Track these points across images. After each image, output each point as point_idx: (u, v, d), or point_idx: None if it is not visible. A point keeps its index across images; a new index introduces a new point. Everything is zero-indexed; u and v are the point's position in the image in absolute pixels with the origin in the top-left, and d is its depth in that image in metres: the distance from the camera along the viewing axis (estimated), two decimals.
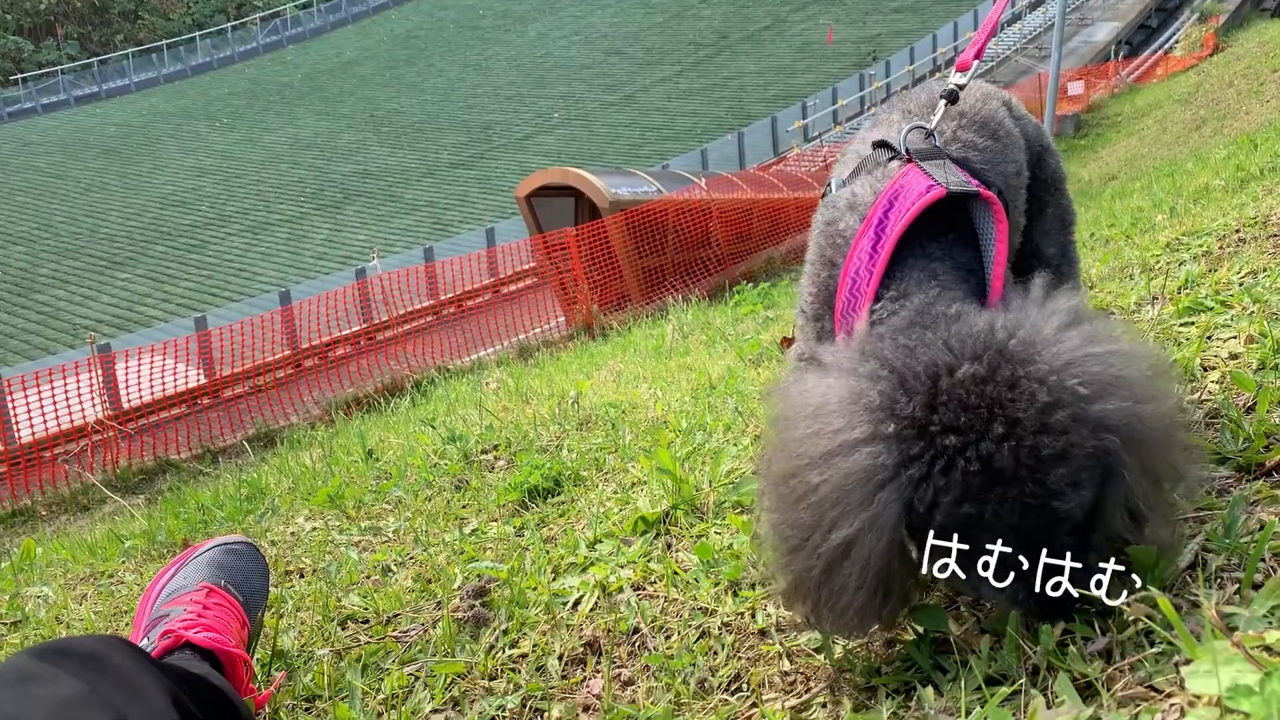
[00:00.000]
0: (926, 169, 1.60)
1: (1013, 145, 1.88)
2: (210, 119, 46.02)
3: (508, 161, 34.91)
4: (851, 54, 40.66)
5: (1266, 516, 1.43)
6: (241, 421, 11.69)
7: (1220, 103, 19.47)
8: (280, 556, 2.74)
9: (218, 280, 27.54)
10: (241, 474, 4.90)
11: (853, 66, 38.20)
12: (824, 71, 39.10)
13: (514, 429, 3.49)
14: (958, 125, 1.79)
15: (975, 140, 1.78)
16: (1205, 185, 5.78)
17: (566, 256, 14.28)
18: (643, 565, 2.02)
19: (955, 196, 1.55)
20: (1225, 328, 2.34)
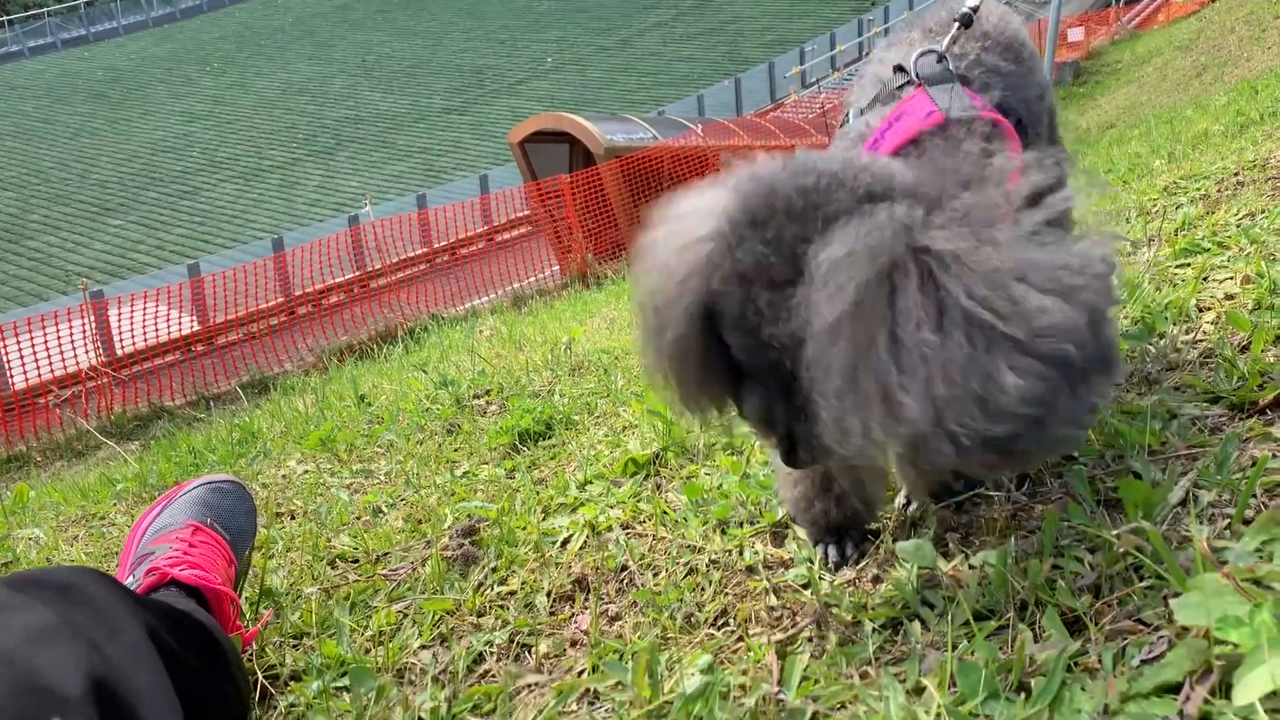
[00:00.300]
0: (933, 94, 1.57)
1: (1035, 68, 1.84)
2: (201, 63, 45.43)
3: (501, 107, 34.56)
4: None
5: (1259, 453, 1.42)
6: (235, 368, 11.67)
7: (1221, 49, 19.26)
8: (271, 498, 2.73)
9: (210, 227, 27.36)
10: (234, 419, 4.89)
11: (851, 11, 37.75)
12: (822, 16, 38.63)
13: (506, 375, 3.48)
14: (981, 47, 1.75)
15: (999, 64, 1.74)
16: (1204, 131, 5.72)
17: (561, 204, 14.19)
18: (632, 505, 2.01)
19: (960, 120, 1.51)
20: (1222, 269, 2.32)
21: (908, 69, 1.66)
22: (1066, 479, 1.60)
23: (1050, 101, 1.92)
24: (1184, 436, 1.59)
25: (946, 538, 1.55)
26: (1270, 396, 1.61)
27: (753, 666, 1.38)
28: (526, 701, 1.48)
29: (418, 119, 35.03)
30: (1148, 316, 2.16)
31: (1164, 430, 1.63)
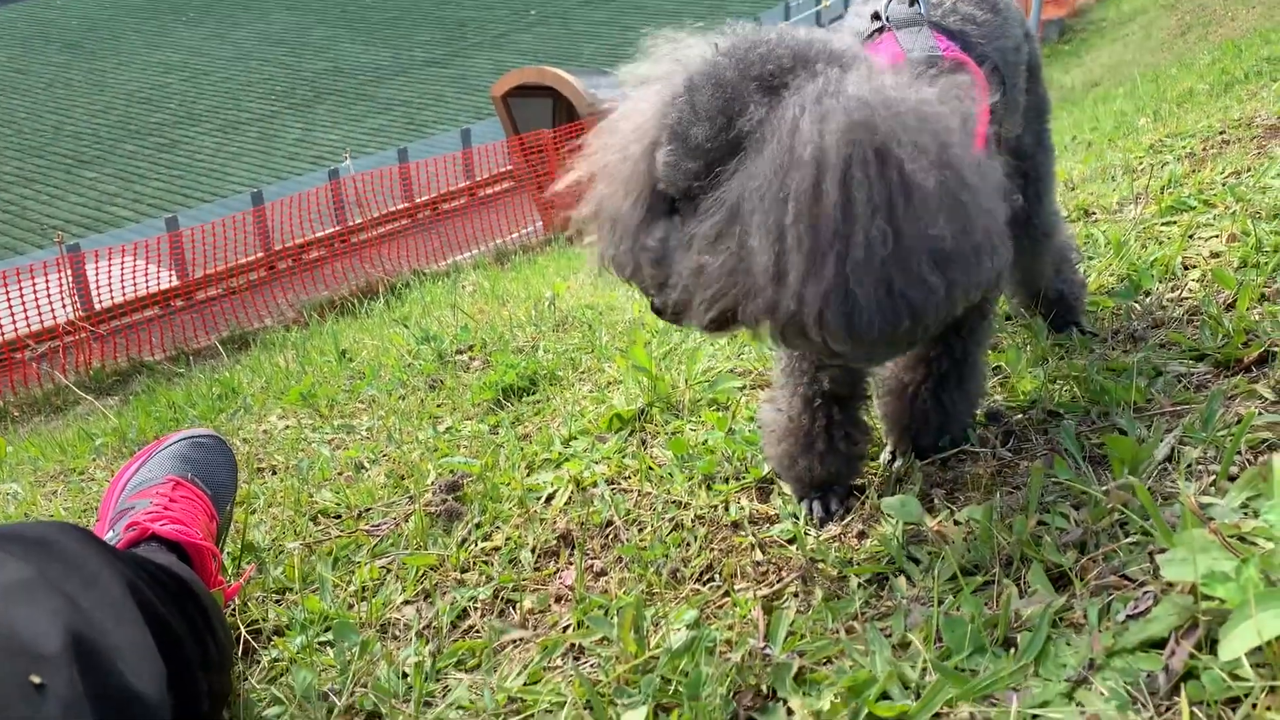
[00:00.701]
0: (899, 37, 1.55)
1: (1012, 20, 1.81)
2: (176, 13, 44.57)
3: (483, 60, 34.09)
4: None
5: (1244, 410, 1.42)
6: (215, 323, 11.58)
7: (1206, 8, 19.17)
8: (252, 454, 2.72)
9: (188, 180, 26.99)
10: (215, 375, 4.85)
11: None
12: None
13: (489, 330, 3.45)
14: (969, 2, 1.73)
15: (974, 13, 1.71)
16: (1189, 89, 5.70)
17: (544, 159, 14.06)
18: (617, 461, 2.01)
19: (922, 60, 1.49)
20: (1207, 226, 2.32)
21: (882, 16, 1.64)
22: (1052, 435, 1.61)
23: (1030, 55, 1.90)
24: (1169, 393, 1.60)
25: (932, 493, 1.56)
26: (1255, 354, 1.61)
27: (738, 621, 1.38)
28: (511, 657, 1.48)
29: (399, 71, 34.54)
30: (1134, 274, 2.16)
31: (1149, 387, 1.63)
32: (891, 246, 1.14)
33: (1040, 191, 1.99)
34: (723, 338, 1.36)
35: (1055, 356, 1.92)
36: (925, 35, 1.55)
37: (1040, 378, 1.82)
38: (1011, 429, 1.68)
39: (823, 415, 1.58)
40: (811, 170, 1.15)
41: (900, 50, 1.51)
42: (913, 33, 1.57)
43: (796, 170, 1.16)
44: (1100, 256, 2.41)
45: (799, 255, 1.15)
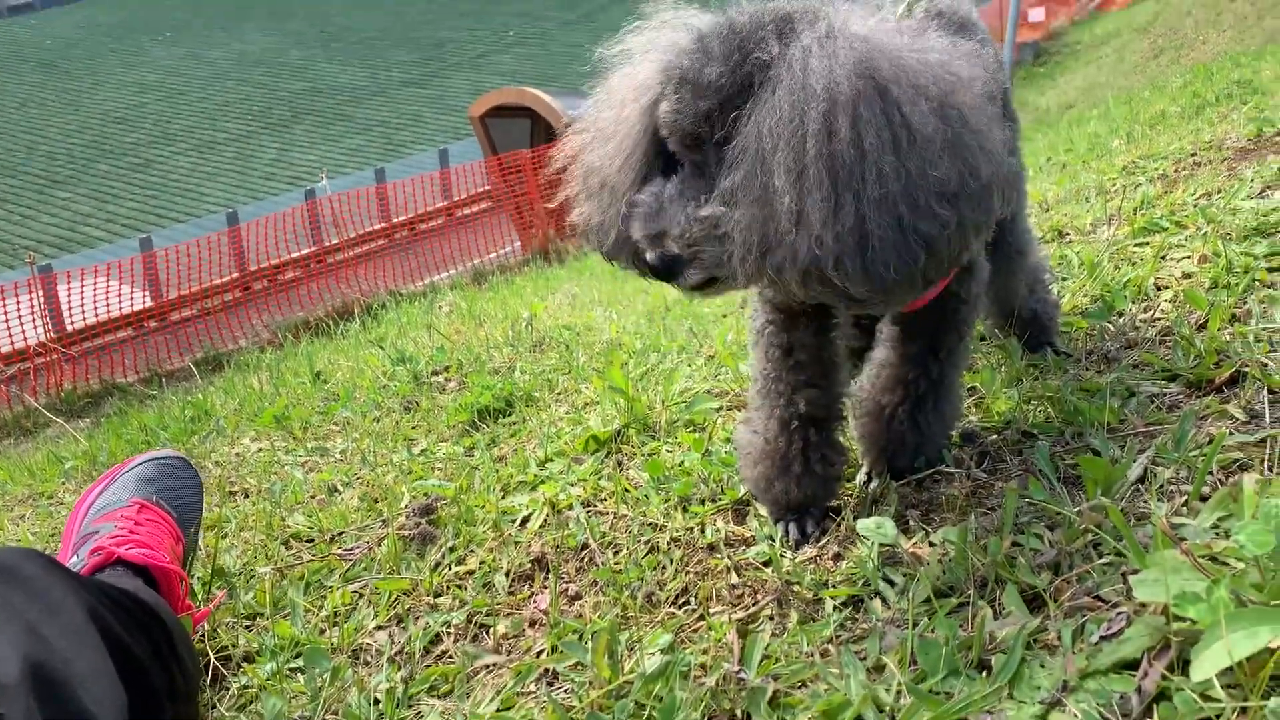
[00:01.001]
0: None
1: (989, 45, 1.84)
2: (153, 33, 44.46)
3: (462, 80, 34.17)
4: None
5: (1215, 430, 1.42)
6: (189, 344, 11.49)
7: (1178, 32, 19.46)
8: (225, 477, 2.69)
9: (163, 200, 26.86)
10: (188, 396, 4.80)
11: None
12: None
13: (466, 351, 3.44)
14: (938, 25, 1.74)
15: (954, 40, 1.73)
16: (1162, 111, 5.77)
17: (522, 179, 14.07)
18: (593, 483, 1.99)
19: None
20: (1179, 248, 2.34)
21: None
22: (1027, 456, 1.61)
23: (1004, 81, 1.92)
24: (1142, 414, 1.60)
25: (907, 515, 1.55)
26: (1226, 374, 1.62)
27: (713, 645, 1.37)
28: (484, 682, 1.47)
29: (376, 92, 34.56)
30: (1107, 295, 2.17)
31: (1123, 408, 1.64)
32: (903, 181, 1.17)
33: (1014, 211, 2.01)
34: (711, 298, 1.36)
35: (1030, 377, 1.92)
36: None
37: (1015, 398, 1.82)
38: (987, 450, 1.68)
39: (799, 437, 1.57)
40: (825, 106, 1.18)
41: None
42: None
43: (812, 105, 1.18)
44: (1074, 277, 2.42)
45: (819, 195, 1.17)
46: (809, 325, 1.58)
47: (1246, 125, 3.39)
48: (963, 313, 1.55)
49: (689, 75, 1.28)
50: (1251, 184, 2.62)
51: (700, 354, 2.68)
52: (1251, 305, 1.84)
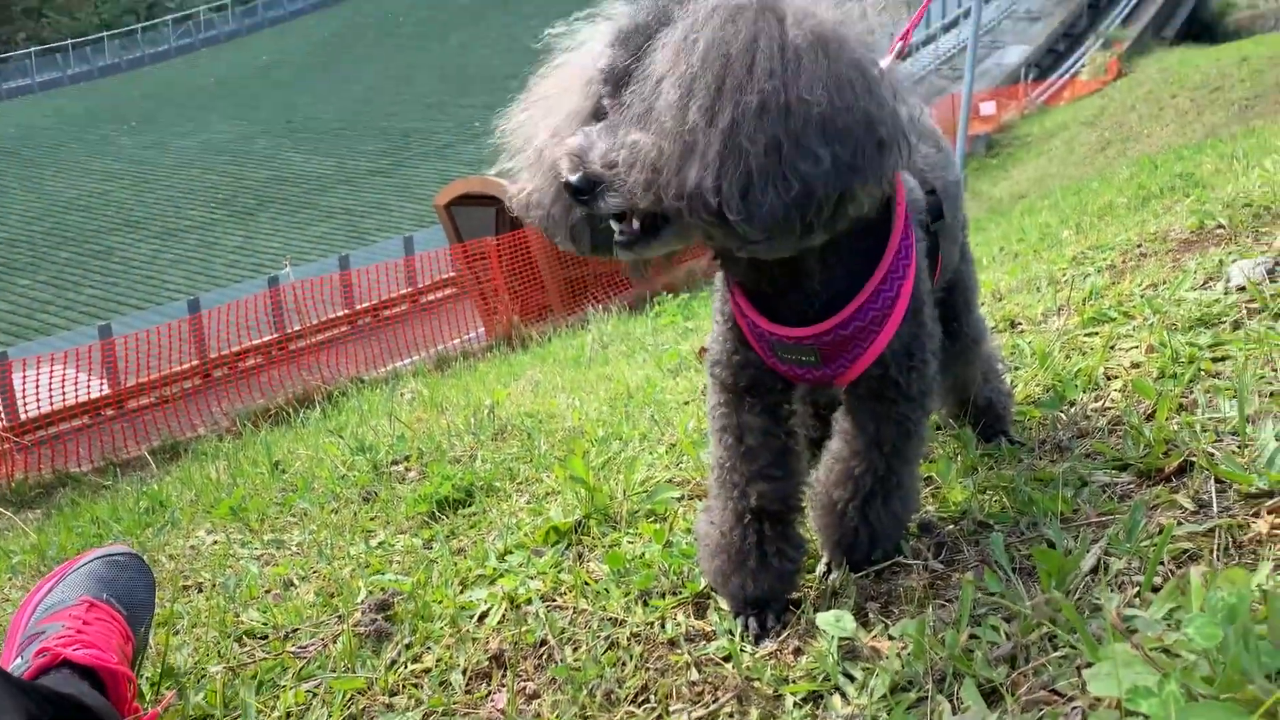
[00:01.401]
0: None
1: (952, 158, 1.90)
2: (119, 122, 44.67)
3: (428, 169, 34.53)
4: None
5: (1165, 520, 1.45)
6: (146, 433, 11.32)
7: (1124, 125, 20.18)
8: (178, 571, 2.64)
9: (124, 287, 26.71)
10: (143, 487, 4.73)
11: None
12: None
13: (427, 439, 3.42)
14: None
15: (919, 146, 1.79)
16: (1109, 203, 5.95)
17: (487, 266, 14.15)
18: (553, 576, 1.98)
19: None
20: (1128, 337, 2.39)
21: None
22: (983, 546, 1.62)
23: (961, 192, 1.98)
24: (1095, 504, 1.62)
25: (866, 607, 1.55)
26: (1175, 463, 1.65)
27: None
28: None
29: (342, 180, 34.81)
30: (1059, 384, 2.21)
31: (1076, 497, 1.66)
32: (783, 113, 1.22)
33: (967, 300, 2.06)
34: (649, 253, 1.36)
35: (985, 466, 1.95)
36: None
37: (970, 488, 1.84)
38: (943, 540, 1.69)
39: (753, 531, 1.58)
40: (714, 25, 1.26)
41: None
42: None
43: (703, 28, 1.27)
44: (1026, 367, 2.47)
45: (699, 111, 1.23)
46: (756, 406, 1.60)
47: (1189, 218, 3.50)
48: (905, 408, 1.55)
49: (623, 27, 1.37)
50: (1195, 275, 2.70)
51: (662, 441, 2.69)
52: (1198, 395, 1.89)
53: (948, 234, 1.76)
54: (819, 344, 1.48)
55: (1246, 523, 1.41)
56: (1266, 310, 2.22)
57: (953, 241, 1.84)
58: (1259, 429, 1.64)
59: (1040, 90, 33.30)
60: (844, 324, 1.47)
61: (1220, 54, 22.01)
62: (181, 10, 59.89)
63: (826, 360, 1.51)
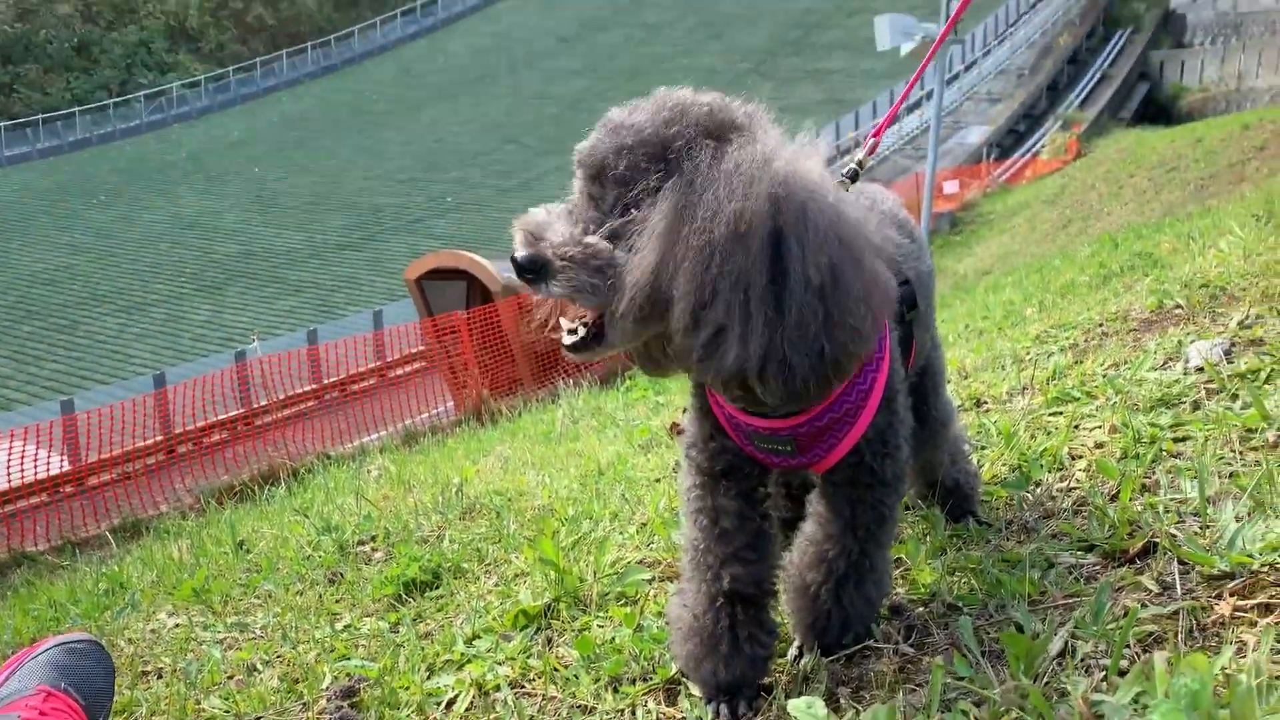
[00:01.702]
0: None
1: (924, 248, 1.94)
2: (88, 196, 44.58)
3: (398, 244, 34.64)
4: None
5: (1130, 603, 1.46)
6: (107, 510, 11.11)
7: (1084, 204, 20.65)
8: (138, 655, 2.58)
9: (88, 362, 26.42)
10: (102, 567, 4.63)
11: None
12: None
13: (394, 518, 3.39)
14: (879, 221, 1.83)
15: (893, 236, 1.82)
16: (1071, 281, 6.06)
17: (457, 340, 14.15)
18: (521, 661, 1.95)
19: None
20: (1091, 417, 2.43)
21: None
22: (952, 629, 1.62)
23: (934, 281, 2.03)
24: (1061, 585, 1.64)
25: (838, 692, 1.55)
26: (1139, 545, 1.67)
27: None
28: None
29: (312, 254, 34.83)
30: (1024, 464, 2.24)
31: (1042, 579, 1.67)
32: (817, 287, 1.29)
33: (936, 384, 2.09)
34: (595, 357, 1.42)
35: (953, 548, 1.96)
36: None
37: (939, 570, 1.85)
38: (914, 623, 1.70)
39: (726, 615, 1.57)
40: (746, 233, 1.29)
41: None
42: None
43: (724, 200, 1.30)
44: (992, 446, 2.49)
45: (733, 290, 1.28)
46: (731, 489, 1.61)
47: (1148, 297, 3.57)
48: (879, 493, 1.58)
49: (614, 117, 1.41)
50: (1155, 355, 2.75)
51: (633, 521, 2.68)
52: (1160, 476, 1.92)
53: (921, 322, 1.80)
54: (795, 435, 1.50)
55: (1209, 604, 1.43)
56: (1224, 391, 2.27)
57: (925, 329, 1.88)
58: (1219, 510, 1.66)
59: (1002, 169, 34.08)
60: (819, 416, 1.49)
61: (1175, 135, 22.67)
62: (154, 86, 60.27)
63: (802, 449, 1.53)
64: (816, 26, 54.31)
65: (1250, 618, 1.36)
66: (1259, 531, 1.54)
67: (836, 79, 48.13)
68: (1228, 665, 1.20)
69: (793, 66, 50.35)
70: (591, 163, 1.40)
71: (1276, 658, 1.23)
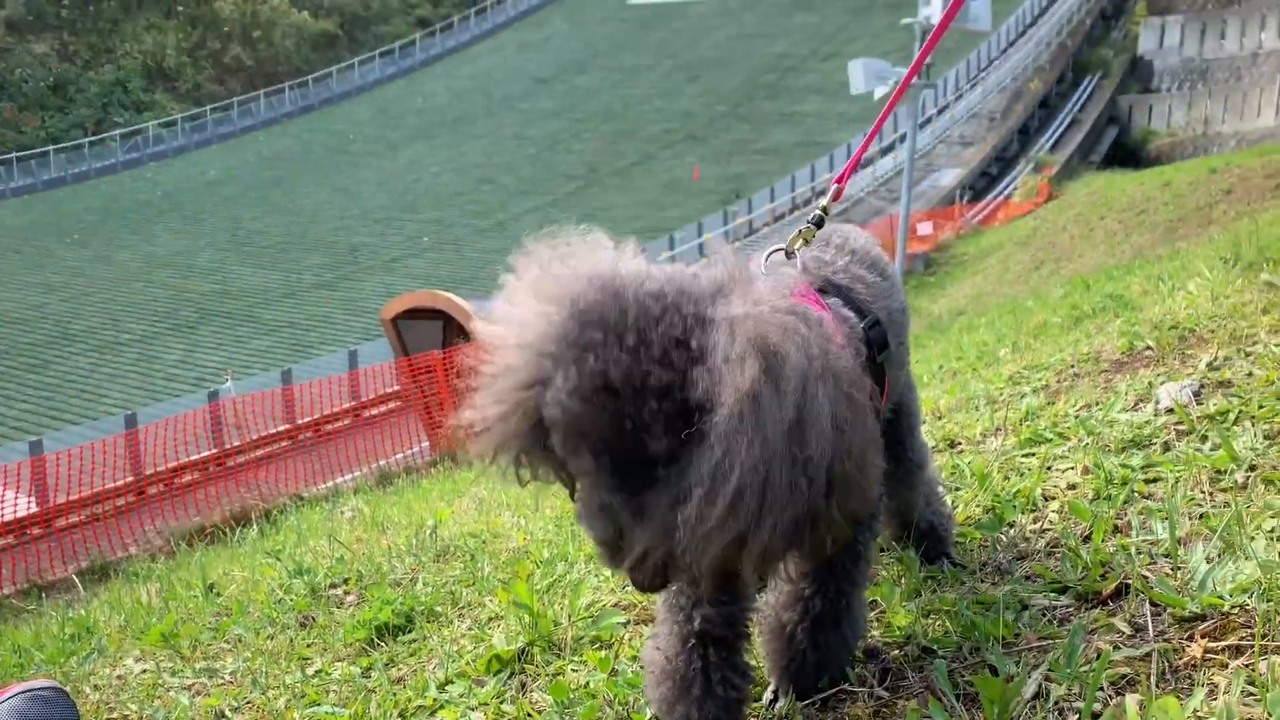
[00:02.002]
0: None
1: (897, 286, 1.95)
2: (61, 235, 44.32)
3: (374, 283, 34.59)
4: (716, 191, 42.22)
5: (1103, 645, 1.46)
6: (75, 553, 10.94)
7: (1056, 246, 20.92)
8: (104, 702, 2.53)
9: (58, 402, 26.14)
10: (69, 611, 4.56)
11: (718, 203, 39.63)
12: (690, 206, 40.41)
13: (367, 561, 3.35)
14: (850, 260, 1.85)
15: (865, 275, 1.83)
16: (1044, 322, 6.13)
17: (433, 379, 14.11)
18: (495, 707, 1.93)
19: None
20: (1063, 459, 2.45)
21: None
22: (927, 673, 1.62)
23: (907, 320, 2.04)
24: (1035, 628, 1.64)
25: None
26: (1111, 586, 1.67)
27: None
28: None
29: (287, 294, 34.72)
30: (998, 505, 2.25)
31: (1017, 621, 1.68)
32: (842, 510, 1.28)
33: (911, 426, 2.10)
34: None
35: (928, 589, 1.96)
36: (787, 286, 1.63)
37: (914, 612, 1.85)
38: (889, 666, 1.69)
39: (698, 657, 1.56)
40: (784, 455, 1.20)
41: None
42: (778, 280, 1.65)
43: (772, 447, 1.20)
44: (966, 487, 2.50)
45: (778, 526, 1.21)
46: None
47: (1119, 339, 3.62)
48: (858, 533, 1.58)
49: (597, 370, 1.21)
50: (1126, 397, 2.78)
51: None
52: (1131, 517, 1.93)
53: (893, 361, 1.81)
54: None
55: (1181, 646, 1.43)
56: (1194, 432, 2.29)
57: (898, 368, 1.89)
58: (1190, 551, 1.67)
59: (975, 211, 34.48)
60: None
61: (1144, 178, 23.05)
62: (130, 125, 60.21)
63: None
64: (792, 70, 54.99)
65: (1221, 659, 1.37)
66: (1229, 573, 1.55)
67: (811, 122, 48.74)
68: (1199, 708, 1.20)
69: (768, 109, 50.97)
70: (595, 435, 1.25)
71: (1247, 700, 1.24)
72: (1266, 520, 1.69)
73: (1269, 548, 1.60)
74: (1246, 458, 2.00)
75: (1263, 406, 2.26)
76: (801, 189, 38.09)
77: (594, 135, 52.76)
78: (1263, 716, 1.17)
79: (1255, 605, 1.44)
